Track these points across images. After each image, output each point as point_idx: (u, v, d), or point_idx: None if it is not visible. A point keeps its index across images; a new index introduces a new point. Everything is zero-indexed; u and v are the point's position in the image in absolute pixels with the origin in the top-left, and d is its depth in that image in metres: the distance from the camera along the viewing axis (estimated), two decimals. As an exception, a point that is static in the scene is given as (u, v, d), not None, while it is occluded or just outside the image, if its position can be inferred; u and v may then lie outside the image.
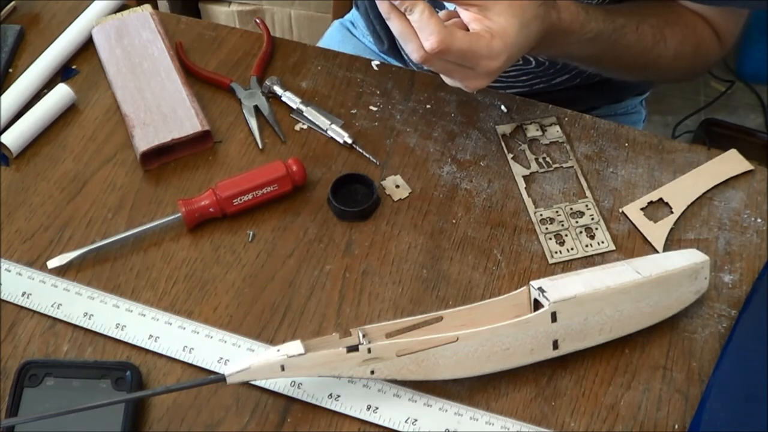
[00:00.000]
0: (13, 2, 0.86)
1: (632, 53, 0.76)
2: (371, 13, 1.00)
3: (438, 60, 0.64)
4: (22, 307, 0.65)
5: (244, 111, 0.78)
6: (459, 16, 0.66)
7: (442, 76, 0.69)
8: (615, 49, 0.75)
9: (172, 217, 0.70)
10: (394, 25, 0.64)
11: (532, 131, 0.78)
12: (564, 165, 0.75)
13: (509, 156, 0.76)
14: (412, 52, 0.64)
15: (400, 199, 0.73)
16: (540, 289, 0.61)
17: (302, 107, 0.78)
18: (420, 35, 0.62)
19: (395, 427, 0.60)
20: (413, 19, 0.62)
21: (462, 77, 0.67)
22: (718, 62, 0.80)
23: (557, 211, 0.72)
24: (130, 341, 0.63)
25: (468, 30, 0.64)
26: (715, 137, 1.77)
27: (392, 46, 0.99)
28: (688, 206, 0.72)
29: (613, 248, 0.70)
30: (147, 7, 0.85)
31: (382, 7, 0.64)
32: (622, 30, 0.74)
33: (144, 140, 0.73)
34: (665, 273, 0.62)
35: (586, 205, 0.72)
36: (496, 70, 0.65)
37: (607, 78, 0.93)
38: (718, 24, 0.80)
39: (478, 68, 0.65)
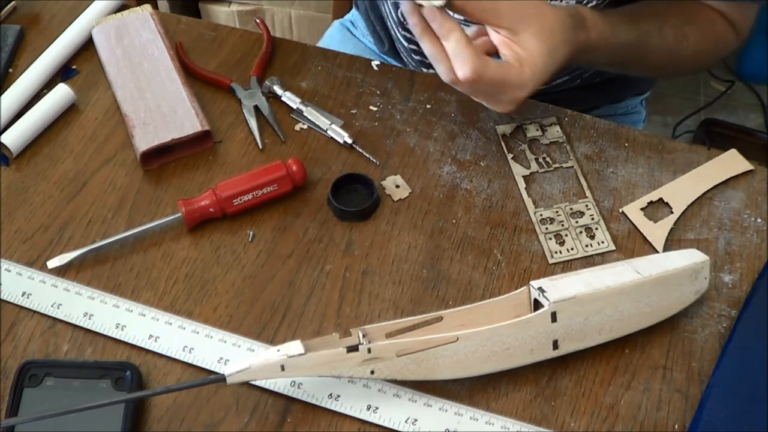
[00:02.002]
0: (13, 2, 0.86)
1: (655, 55, 0.78)
2: (372, 14, 1.00)
3: (468, 86, 0.65)
4: (22, 307, 0.65)
5: (244, 111, 0.78)
6: (487, 34, 0.66)
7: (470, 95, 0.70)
8: (639, 54, 0.76)
9: (172, 217, 0.70)
10: (426, 47, 0.65)
11: (532, 131, 0.78)
12: (564, 165, 0.75)
13: (509, 156, 0.76)
14: (443, 74, 0.65)
15: (400, 199, 0.73)
16: (540, 289, 0.61)
17: (302, 107, 0.78)
18: (453, 62, 0.63)
19: (395, 427, 0.60)
20: (448, 46, 0.63)
21: (487, 101, 0.68)
22: (735, 51, 0.83)
23: (557, 211, 0.72)
24: (130, 341, 0.63)
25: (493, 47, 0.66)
26: (715, 137, 1.78)
27: (392, 47, 0.99)
28: (688, 206, 0.72)
29: (613, 248, 0.70)
30: (147, 7, 0.85)
31: (415, 28, 0.64)
32: (646, 36, 0.75)
33: (144, 140, 0.73)
34: (665, 273, 0.62)
35: (586, 205, 0.72)
36: (522, 99, 0.67)
37: (608, 78, 0.93)
38: (734, 16, 0.81)
39: (505, 96, 0.66)
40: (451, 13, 0.63)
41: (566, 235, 0.71)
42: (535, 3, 0.65)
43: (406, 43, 0.95)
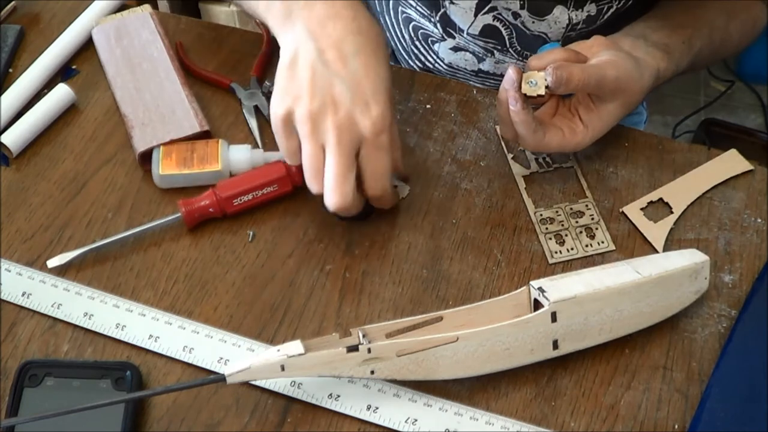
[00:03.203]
0: (13, 2, 0.86)
1: (705, 61, 0.81)
2: (377, 18, 1.00)
3: None
4: (22, 307, 0.65)
5: (244, 111, 0.78)
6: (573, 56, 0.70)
7: None
8: (692, 67, 0.78)
9: (172, 217, 0.70)
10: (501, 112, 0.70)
11: (532, 131, 0.78)
12: (564, 165, 0.75)
13: (509, 156, 0.76)
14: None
15: (402, 198, 0.73)
16: (540, 289, 0.61)
17: (302, 107, 0.78)
18: (520, 141, 0.70)
19: (395, 427, 0.60)
20: (518, 130, 0.68)
21: None
22: None
23: (557, 211, 0.72)
24: (130, 341, 0.63)
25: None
26: (715, 137, 1.78)
27: (392, 54, 0.99)
28: (688, 206, 0.72)
29: (613, 248, 0.70)
30: (147, 7, 0.85)
31: (517, 114, 0.67)
32: (699, 54, 0.77)
33: (142, 141, 0.73)
34: (665, 273, 0.62)
35: (586, 205, 0.72)
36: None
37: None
38: None
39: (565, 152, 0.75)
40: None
41: (566, 235, 0.71)
42: (631, 77, 0.68)
43: (409, 59, 0.96)
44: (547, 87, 0.66)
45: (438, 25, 0.88)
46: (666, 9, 0.79)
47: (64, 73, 0.82)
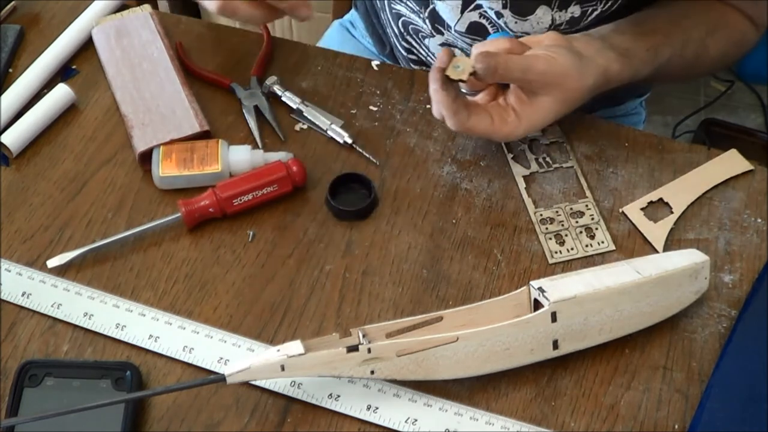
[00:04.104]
0: (13, 2, 0.86)
1: (676, 72, 0.79)
2: (373, 17, 1.00)
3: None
4: (22, 307, 0.65)
5: (244, 111, 0.78)
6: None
7: None
8: (660, 77, 0.78)
9: (172, 217, 0.70)
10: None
11: (532, 131, 0.78)
12: (564, 165, 0.75)
13: (509, 156, 0.76)
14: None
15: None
16: (540, 289, 0.61)
17: (302, 107, 0.78)
18: (446, 118, 0.69)
19: (395, 427, 0.60)
20: (442, 109, 0.68)
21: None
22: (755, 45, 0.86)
23: (557, 211, 0.72)
24: (130, 341, 0.63)
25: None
26: (715, 137, 1.78)
27: (391, 51, 0.99)
28: (688, 206, 0.72)
29: (613, 248, 0.70)
30: (147, 7, 0.85)
31: (434, 93, 0.68)
32: (668, 62, 0.76)
33: (142, 140, 0.73)
34: (665, 273, 0.62)
35: (586, 205, 0.72)
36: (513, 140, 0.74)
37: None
38: (751, 11, 0.82)
39: (496, 140, 0.75)
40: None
41: (566, 235, 0.71)
42: (564, 74, 0.68)
43: (405, 53, 0.96)
44: (473, 74, 0.66)
45: (427, 21, 0.88)
46: (642, 16, 0.78)
47: (64, 73, 0.82)
